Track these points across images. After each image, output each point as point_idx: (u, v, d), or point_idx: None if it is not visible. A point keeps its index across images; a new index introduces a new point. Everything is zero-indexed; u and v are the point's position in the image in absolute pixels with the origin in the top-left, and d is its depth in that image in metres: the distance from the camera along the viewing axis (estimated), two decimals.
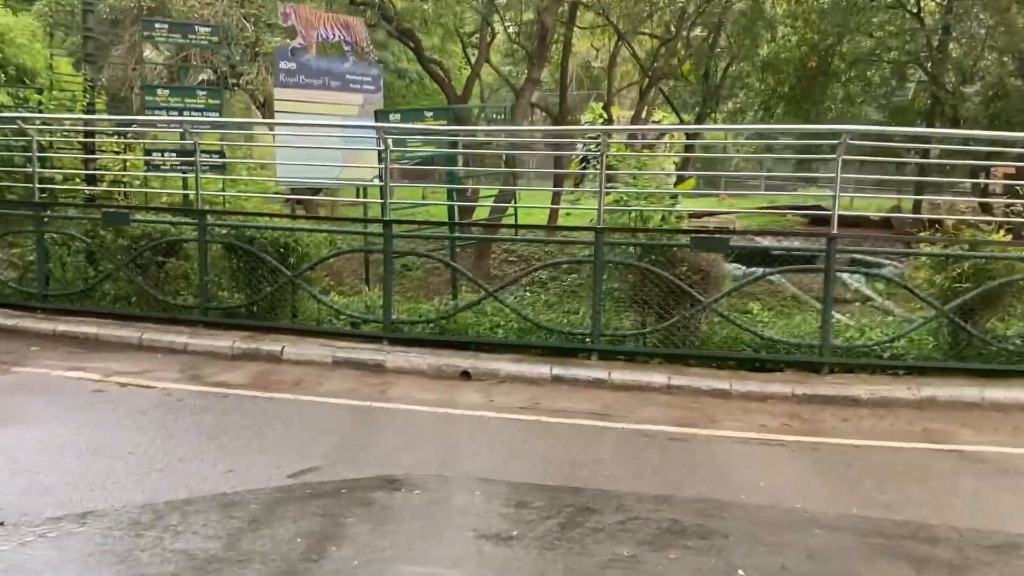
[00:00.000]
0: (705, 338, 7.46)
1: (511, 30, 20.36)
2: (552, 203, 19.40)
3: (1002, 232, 7.30)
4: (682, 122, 22.96)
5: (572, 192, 20.40)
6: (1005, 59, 23.49)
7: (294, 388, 6.84)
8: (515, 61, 24.44)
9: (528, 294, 9.84)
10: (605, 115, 22.38)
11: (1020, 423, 6.42)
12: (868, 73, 25.60)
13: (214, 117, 8.96)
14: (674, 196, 7.61)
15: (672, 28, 19.86)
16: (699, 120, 21.32)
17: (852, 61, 24.21)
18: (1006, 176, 27.83)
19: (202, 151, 8.37)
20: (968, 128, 23.10)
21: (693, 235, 7.21)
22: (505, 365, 7.28)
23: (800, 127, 10.77)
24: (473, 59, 21.42)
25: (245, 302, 8.15)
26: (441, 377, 7.23)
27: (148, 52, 16.62)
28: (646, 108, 21.02)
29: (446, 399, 6.66)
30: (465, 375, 7.20)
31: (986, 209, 19.37)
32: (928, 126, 25.11)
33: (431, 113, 8.70)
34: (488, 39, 20.85)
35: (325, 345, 7.74)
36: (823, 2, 22.14)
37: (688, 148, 22.72)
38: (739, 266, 21.56)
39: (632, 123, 20.15)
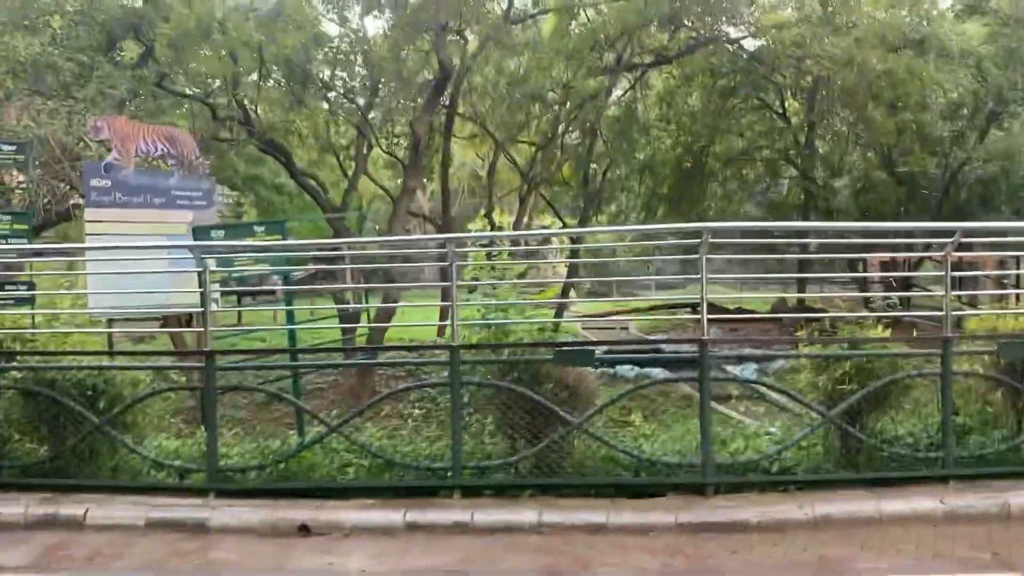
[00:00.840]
0: (580, 462, 6.66)
1: (383, 142, 20.02)
2: (441, 317, 18.70)
3: (880, 327, 6.89)
4: (565, 226, 22.85)
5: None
6: (869, 154, 24.67)
7: (86, 567, 5.61)
8: (396, 173, 24.11)
9: (399, 420, 8.90)
10: (488, 222, 22.22)
11: (922, 538, 5.80)
12: (743, 171, 26.45)
13: (21, 244, 7.92)
14: (538, 307, 6.93)
15: (548, 135, 19.92)
16: (582, 224, 21.24)
17: (726, 160, 24.93)
18: (882, 264, 28.93)
19: (6, 282, 7.28)
20: (841, 219, 23.91)
21: (556, 348, 6.51)
22: (352, 514, 6.26)
23: (659, 227, 10.37)
24: (350, 171, 20.94)
25: (46, 456, 6.91)
26: (275, 534, 6.14)
27: None
28: (527, 214, 20.83)
29: (273, 565, 5.58)
30: (304, 529, 6.13)
31: (867, 302, 19.87)
32: (803, 218, 25.91)
33: (262, 227, 7.89)
34: (365, 150, 20.44)
35: (139, 504, 6.54)
36: (692, 106, 22.81)
37: (574, 253, 22.60)
38: (632, 367, 21.16)
39: (514, 229, 19.88)
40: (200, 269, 6.36)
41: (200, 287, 6.41)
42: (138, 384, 7.02)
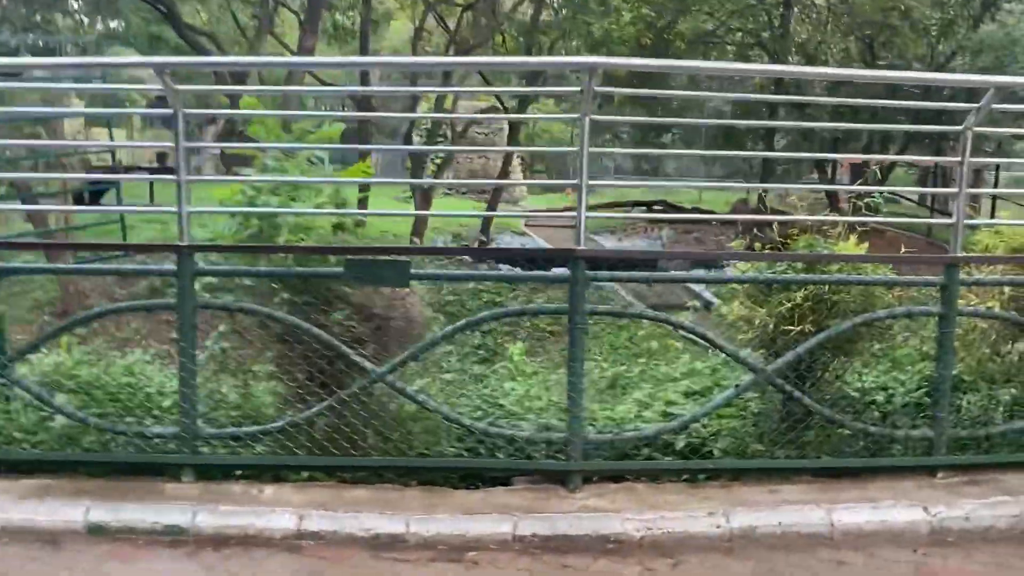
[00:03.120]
0: (398, 432, 4.37)
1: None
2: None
3: (853, 239, 4.57)
4: (506, 111, 19.97)
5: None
6: (849, 42, 22.04)
7: None
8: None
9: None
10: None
11: (892, 570, 3.69)
12: (713, 55, 23.69)
13: None
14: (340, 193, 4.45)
15: None
16: (522, 105, 18.48)
17: (692, 41, 22.13)
18: (853, 168, 26.65)
19: None
20: (813, 115, 21.44)
21: (349, 258, 4.09)
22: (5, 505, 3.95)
23: (541, 60, 8.38)
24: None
25: None
26: None
27: None
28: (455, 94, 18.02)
29: None
30: None
31: (835, 205, 17.58)
32: (771, 115, 23.40)
33: None
34: (271, 5, 17.38)
35: None
36: None
37: (513, 132, 19.93)
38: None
39: (436, 108, 17.11)
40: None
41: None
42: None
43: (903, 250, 4.83)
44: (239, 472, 4.24)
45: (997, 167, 17.43)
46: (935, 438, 4.34)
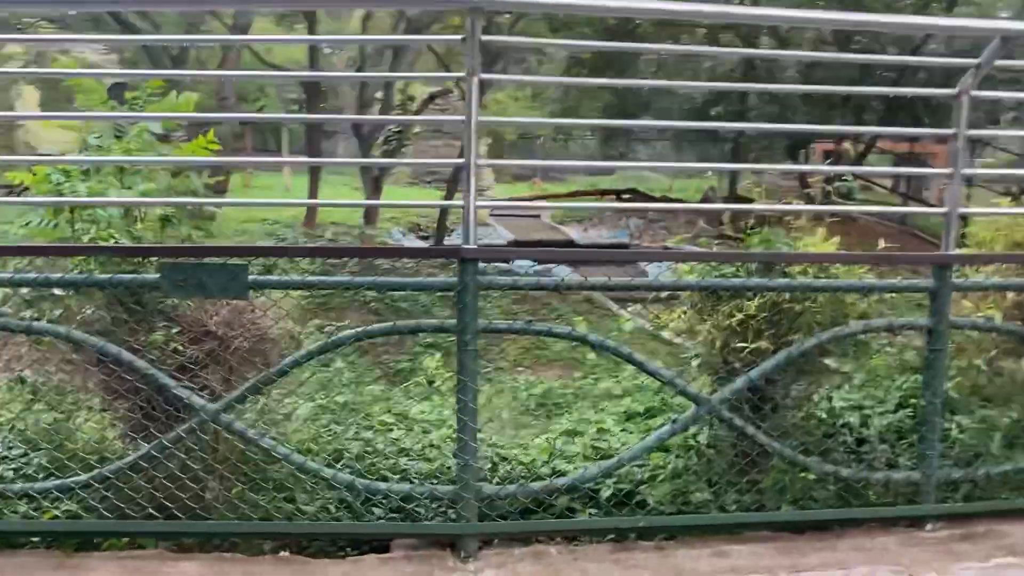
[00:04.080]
0: (252, 484, 3.42)
1: None
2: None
3: (821, 232, 3.68)
4: (459, 89, 18.91)
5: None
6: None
7: None
8: None
9: None
10: None
11: None
12: (682, 38, 22.80)
13: None
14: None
15: None
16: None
17: (660, 23, 21.20)
18: (825, 154, 25.92)
19: None
20: (784, 104, 20.68)
21: (164, 261, 3.12)
22: None
23: None
24: None
25: None
26: None
27: None
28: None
29: None
30: None
31: (803, 184, 16.73)
32: (741, 100, 22.62)
33: None
34: None
35: None
36: None
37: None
38: (532, 265, 17.99)
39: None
40: None
41: None
42: None
43: (882, 245, 3.95)
44: (35, 539, 3.27)
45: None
46: (922, 481, 3.48)
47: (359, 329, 3.11)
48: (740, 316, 3.41)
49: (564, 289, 3.21)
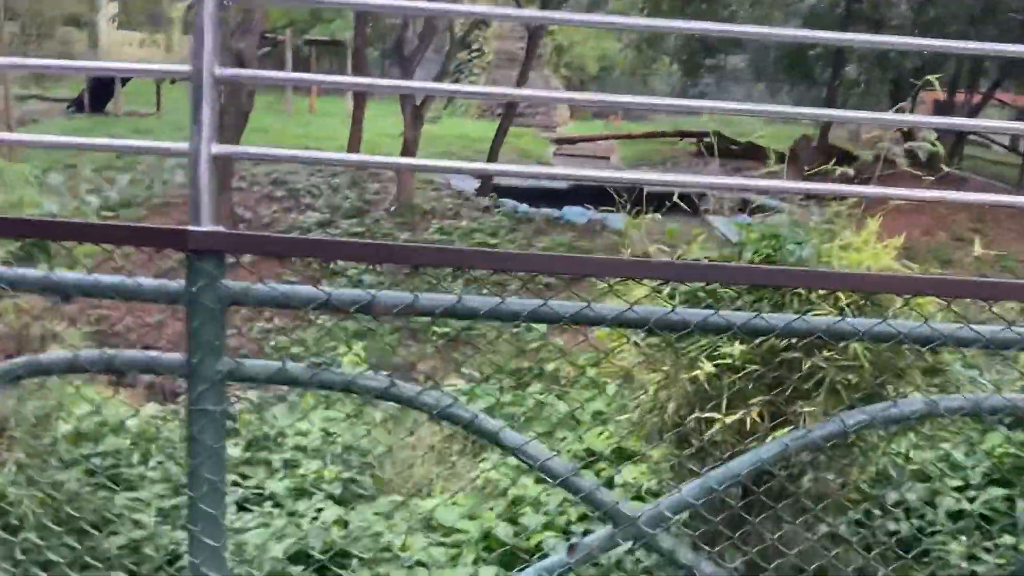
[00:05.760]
0: None
1: None
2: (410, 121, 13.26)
3: (873, 225, 2.16)
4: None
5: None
6: None
7: None
8: None
9: None
10: None
11: None
12: None
13: None
14: None
15: None
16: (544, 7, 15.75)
17: None
18: (937, 105, 23.13)
19: None
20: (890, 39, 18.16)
21: None
22: None
23: None
24: None
25: None
26: None
27: None
28: None
29: None
30: None
31: (907, 137, 14.40)
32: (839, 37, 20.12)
33: None
34: None
35: None
36: None
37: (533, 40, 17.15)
38: (586, 209, 15.92)
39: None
40: None
41: None
42: None
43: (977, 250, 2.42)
44: None
45: None
46: None
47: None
48: (709, 369, 1.97)
49: (378, 312, 1.78)
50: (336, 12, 26.06)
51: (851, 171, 2.44)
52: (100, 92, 19.42)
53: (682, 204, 2.41)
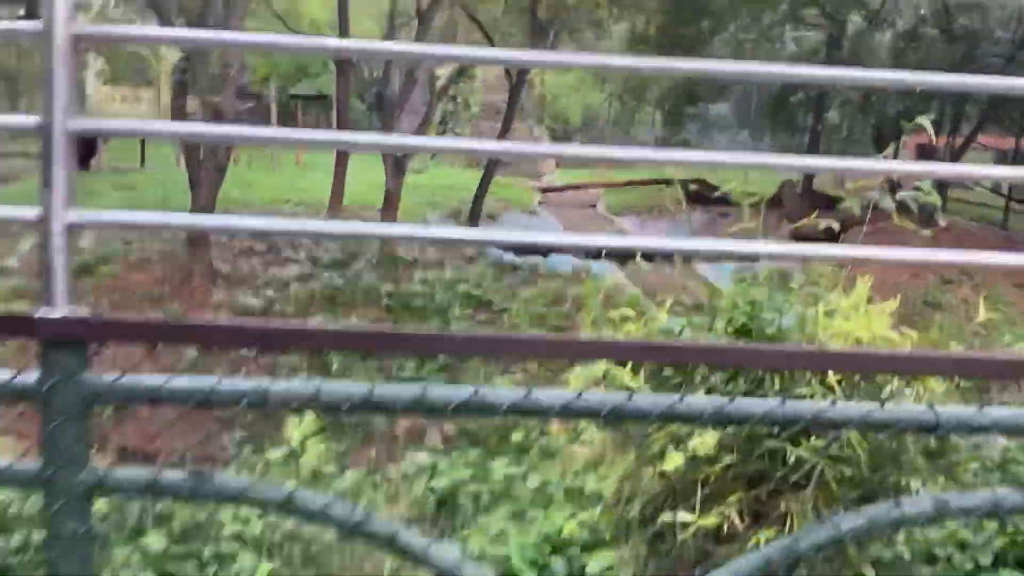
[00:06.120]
0: None
1: None
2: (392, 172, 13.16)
3: (862, 288, 1.88)
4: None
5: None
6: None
7: None
8: None
9: None
10: None
11: None
12: (759, 15, 20.51)
13: None
14: None
15: None
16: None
17: None
18: (919, 148, 23.17)
19: None
20: (871, 87, 18.22)
21: None
22: None
23: None
24: None
25: None
26: None
27: None
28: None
29: None
30: None
31: (892, 189, 14.31)
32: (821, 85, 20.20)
33: None
34: None
35: None
36: None
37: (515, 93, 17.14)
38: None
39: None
40: None
41: None
42: None
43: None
44: None
45: None
46: None
47: None
48: (680, 461, 1.67)
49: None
50: (322, 66, 26.13)
51: (836, 225, 2.19)
52: (83, 148, 19.29)
53: None
